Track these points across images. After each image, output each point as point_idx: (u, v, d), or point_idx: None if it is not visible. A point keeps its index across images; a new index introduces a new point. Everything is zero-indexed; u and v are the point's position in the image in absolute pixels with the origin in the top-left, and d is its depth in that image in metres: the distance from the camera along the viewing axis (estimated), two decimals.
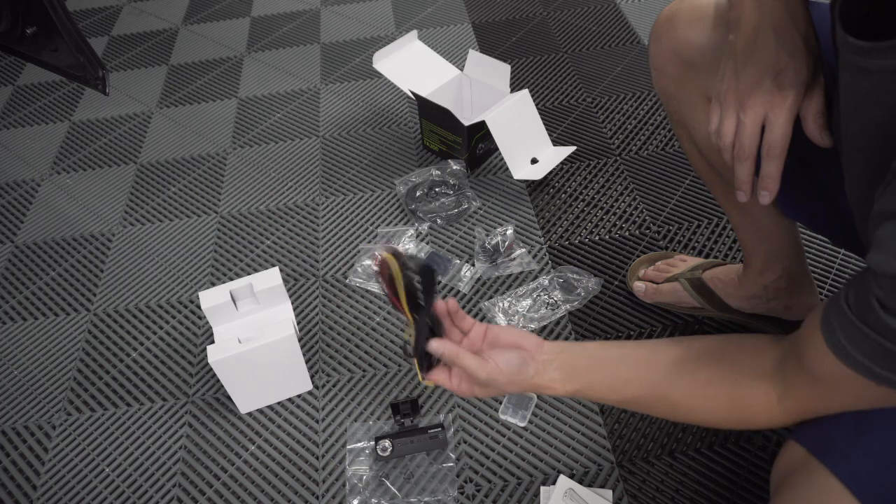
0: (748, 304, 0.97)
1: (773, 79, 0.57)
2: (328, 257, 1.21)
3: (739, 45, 0.59)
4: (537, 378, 0.66)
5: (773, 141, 0.58)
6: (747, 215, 0.86)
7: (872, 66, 0.44)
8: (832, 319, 0.47)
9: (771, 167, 0.59)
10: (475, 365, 0.65)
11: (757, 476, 0.86)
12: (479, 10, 1.86)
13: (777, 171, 0.59)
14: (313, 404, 1.00)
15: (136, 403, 1.02)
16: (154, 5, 2.07)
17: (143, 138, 1.54)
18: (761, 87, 0.57)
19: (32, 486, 0.94)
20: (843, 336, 0.46)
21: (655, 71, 0.80)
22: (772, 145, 0.58)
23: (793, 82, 0.56)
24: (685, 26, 0.72)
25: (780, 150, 0.58)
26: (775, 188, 0.60)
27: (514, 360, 0.66)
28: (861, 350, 0.44)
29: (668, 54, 0.76)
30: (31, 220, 1.36)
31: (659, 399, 0.64)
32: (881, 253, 0.40)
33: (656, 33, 0.77)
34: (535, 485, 0.88)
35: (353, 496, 0.88)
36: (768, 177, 0.59)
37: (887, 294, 0.41)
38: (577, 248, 1.18)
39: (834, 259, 1.11)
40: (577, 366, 0.67)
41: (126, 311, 1.16)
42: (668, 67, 0.77)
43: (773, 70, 0.57)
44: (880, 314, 0.41)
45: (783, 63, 0.56)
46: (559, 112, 1.47)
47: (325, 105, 1.57)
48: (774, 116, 0.57)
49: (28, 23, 1.22)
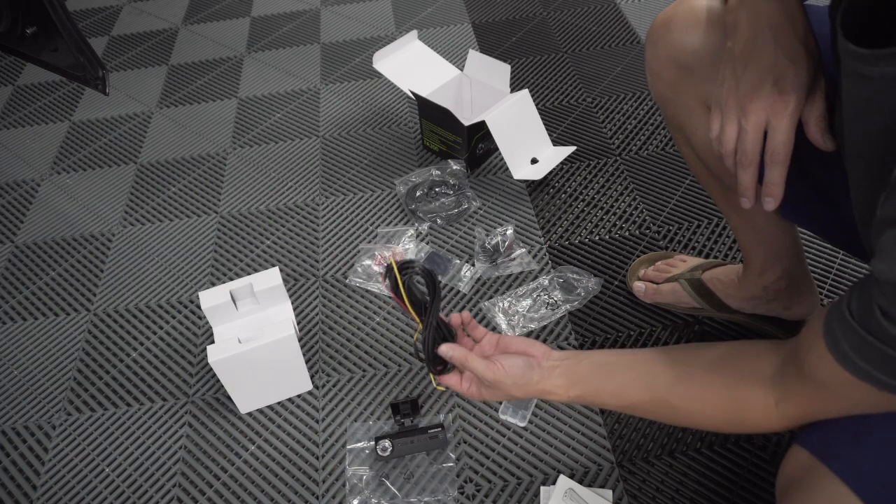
0: (748, 304, 0.97)
1: (774, 83, 0.56)
2: (328, 257, 1.21)
3: (738, 49, 0.59)
4: (542, 383, 0.68)
5: (776, 147, 0.57)
6: (746, 218, 0.86)
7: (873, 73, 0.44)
8: (835, 326, 0.47)
9: (775, 173, 0.58)
10: (482, 367, 0.69)
11: (757, 476, 0.87)
12: (479, 10, 1.86)
13: (781, 177, 0.58)
14: (313, 404, 1.00)
15: (136, 403, 1.02)
16: (154, 5, 2.07)
17: (143, 138, 1.54)
18: (762, 92, 0.57)
19: (32, 486, 0.94)
20: (845, 343, 0.45)
21: (651, 76, 0.79)
22: (775, 151, 0.57)
23: (794, 86, 0.56)
24: (681, 30, 0.72)
25: (784, 155, 0.57)
26: (780, 194, 0.59)
27: (519, 363, 0.69)
28: (864, 357, 0.44)
29: (664, 59, 0.75)
30: (31, 220, 1.36)
31: (659, 404, 0.64)
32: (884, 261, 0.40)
33: (652, 38, 0.77)
34: (535, 485, 0.88)
35: (353, 496, 0.88)
36: (772, 183, 0.59)
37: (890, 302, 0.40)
38: (577, 248, 1.18)
39: (834, 259, 1.11)
40: (580, 372, 0.68)
41: (126, 311, 1.16)
42: (664, 72, 0.76)
43: (772, 74, 0.56)
44: (882, 322, 0.41)
45: (783, 67, 0.56)
46: (559, 112, 1.47)
47: (325, 105, 1.57)
48: (777, 122, 0.57)
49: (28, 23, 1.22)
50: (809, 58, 0.56)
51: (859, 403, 0.50)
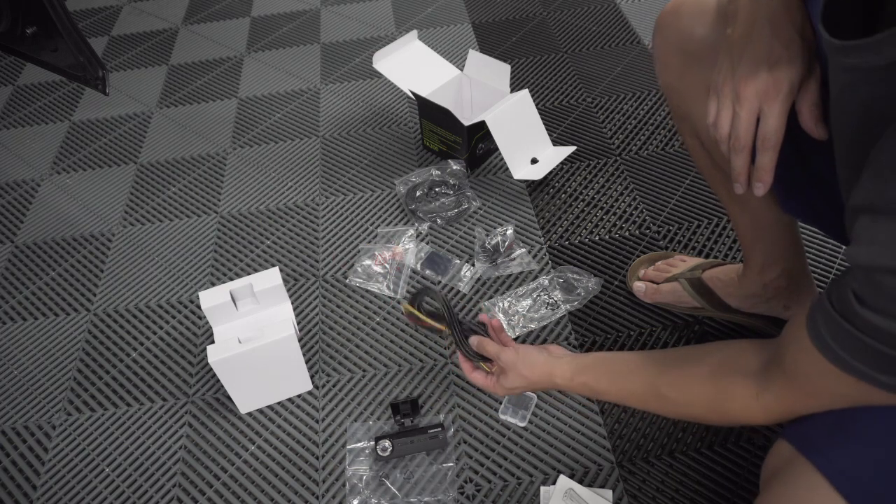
0: (748, 303, 0.97)
1: (768, 70, 0.57)
2: (328, 257, 1.21)
3: (735, 36, 0.60)
4: (550, 365, 0.76)
5: (767, 132, 0.58)
6: (747, 212, 0.86)
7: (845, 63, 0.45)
8: (817, 316, 0.48)
9: (765, 159, 0.59)
10: (496, 349, 0.80)
11: (757, 476, 0.86)
12: (479, 10, 1.86)
13: (771, 163, 0.59)
14: (313, 404, 1.00)
15: (136, 403, 1.02)
16: (154, 5, 2.07)
17: (143, 138, 1.54)
18: (756, 78, 0.57)
19: (32, 486, 0.94)
20: (826, 332, 0.46)
21: (659, 64, 0.80)
22: (765, 137, 0.58)
23: (787, 74, 0.56)
24: (689, 19, 0.73)
25: (774, 141, 0.58)
26: (769, 179, 0.60)
27: (531, 349, 0.79)
28: (844, 347, 0.45)
29: (671, 47, 0.76)
30: (31, 220, 1.36)
31: (653, 393, 0.67)
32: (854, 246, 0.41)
33: (660, 26, 0.78)
34: (535, 485, 0.88)
35: (353, 496, 0.88)
36: (762, 168, 0.60)
37: (862, 286, 0.41)
38: (577, 248, 1.18)
39: (834, 259, 1.11)
40: (585, 361, 0.75)
41: (126, 311, 1.16)
42: (671, 60, 0.77)
43: (767, 61, 0.57)
44: (857, 309, 0.42)
45: (777, 54, 0.57)
46: (559, 112, 1.47)
47: (325, 105, 1.57)
48: (768, 108, 0.57)
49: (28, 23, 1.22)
50: (805, 47, 0.57)
51: (840, 397, 0.50)
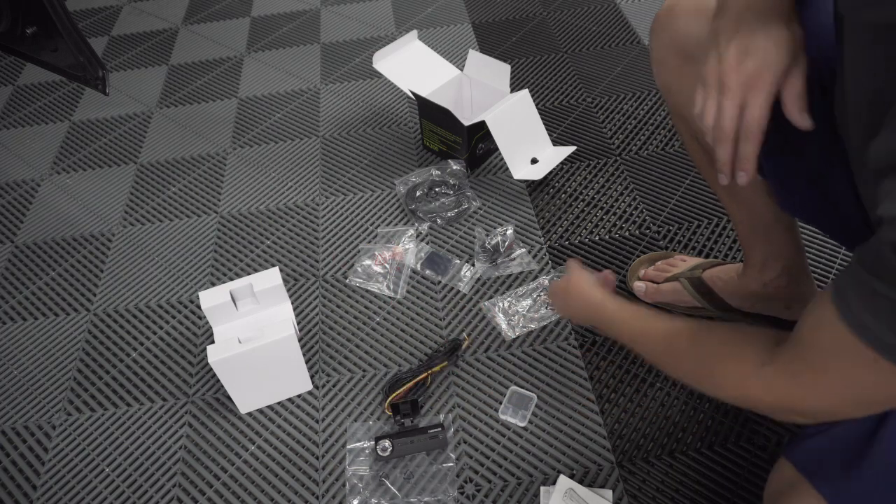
0: (748, 302, 0.97)
1: (753, 61, 0.57)
2: (328, 257, 1.21)
3: (722, 28, 0.60)
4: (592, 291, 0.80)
5: (749, 123, 0.58)
6: (746, 210, 0.86)
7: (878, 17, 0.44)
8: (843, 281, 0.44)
9: (747, 148, 0.60)
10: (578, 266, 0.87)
11: (757, 476, 0.86)
12: (479, 10, 1.86)
13: (753, 153, 0.59)
14: (313, 404, 1.00)
15: (136, 403, 1.02)
16: (154, 5, 2.07)
17: (143, 138, 1.54)
18: (740, 69, 0.58)
19: (32, 486, 0.94)
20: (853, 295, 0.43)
21: (656, 64, 0.80)
22: (748, 127, 0.59)
23: (771, 65, 0.57)
24: (685, 18, 0.73)
25: (756, 131, 0.58)
26: (751, 169, 0.60)
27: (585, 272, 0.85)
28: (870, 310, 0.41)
29: (668, 47, 0.76)
30: (31, 220, 1.36)
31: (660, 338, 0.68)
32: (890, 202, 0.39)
33: (657, 26, 0.78)
34: (535, 485, 0.88)
35: (353, 496, 0.88)
36: (744, 158, 0.60)
37: None
38: (577, 248, 1.18)
39: (834, 258, 1.11)
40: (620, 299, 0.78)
41: (126, 311, 1.16)
42: (668, 60, 0.77)
43: (752, 52, 0.57)
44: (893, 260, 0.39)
45: (762, 46, 0.57)
46: (559, 112, 1.47)
47: (325, 105, 1.57)
48: (752, 98, 0.58)
49: (28, 23, 1.22)
50: (791, 39, 0.57)
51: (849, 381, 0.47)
